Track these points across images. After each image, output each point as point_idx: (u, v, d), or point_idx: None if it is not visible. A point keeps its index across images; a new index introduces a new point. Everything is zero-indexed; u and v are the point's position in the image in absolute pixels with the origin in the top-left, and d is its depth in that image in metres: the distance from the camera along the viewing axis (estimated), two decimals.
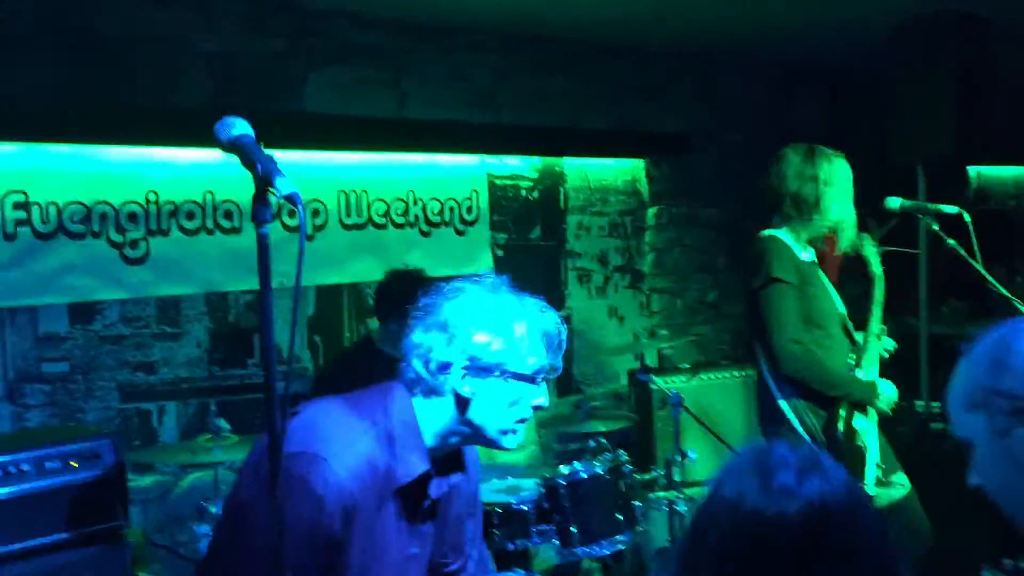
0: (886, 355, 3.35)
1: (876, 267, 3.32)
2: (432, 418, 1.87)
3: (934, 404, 4.93)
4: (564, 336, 1.92)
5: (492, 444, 1.91)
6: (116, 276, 3.76)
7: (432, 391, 1.86)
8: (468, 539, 2.10)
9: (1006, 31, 4.99)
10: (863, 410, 3.24)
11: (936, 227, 3.21)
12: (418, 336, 1.87)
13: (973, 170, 7.03)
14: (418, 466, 1.83)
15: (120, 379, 3.79)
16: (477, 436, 1.89)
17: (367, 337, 3.97)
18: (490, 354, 1.83)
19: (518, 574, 3.41)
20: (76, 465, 3.04)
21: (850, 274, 3.45)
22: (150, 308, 3.86)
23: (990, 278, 3.04)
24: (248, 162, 1.50)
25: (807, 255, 3.33)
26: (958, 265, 3.20)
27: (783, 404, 3.25)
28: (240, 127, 1.53)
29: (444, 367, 1.84)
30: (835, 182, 3.22)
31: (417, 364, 1.86)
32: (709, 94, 5.82)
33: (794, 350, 3.13)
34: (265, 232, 1.50)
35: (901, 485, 3.30)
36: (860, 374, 3.26)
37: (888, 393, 3.24)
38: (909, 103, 4.92)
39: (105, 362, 3.75)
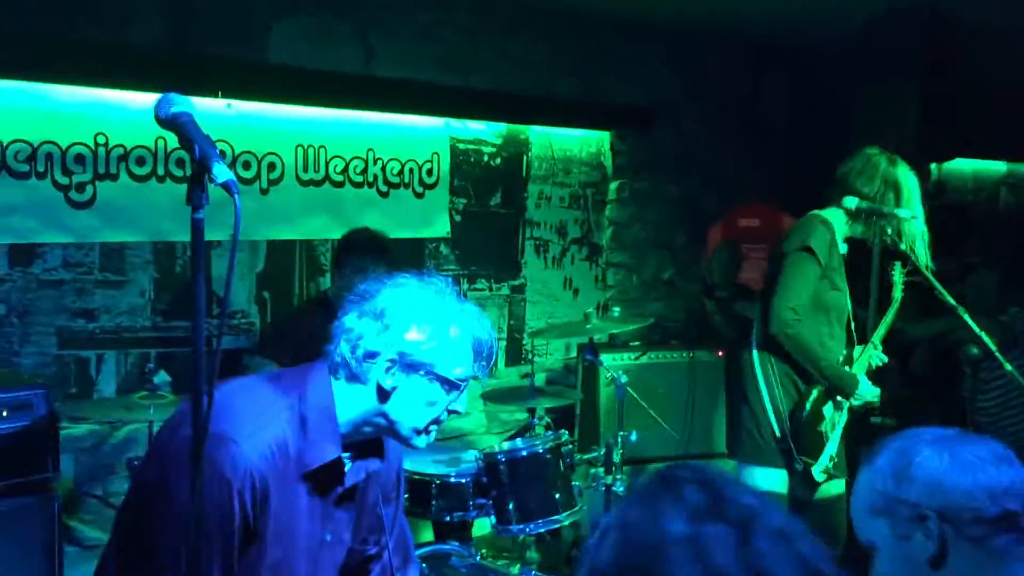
0: (877, 363, 3.44)
1: (898, 292, 3.46)
2: (349, 405, 1.84)
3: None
4: (495, 349, 1.90)
5: (403, 441, 1.90)
6: (60, 219, 3.66)
7: (354, 377, 1.84)
8: (387, 524, 2.09)
9: (976, 27, 5.01)
10: (837, 403, 3.30)
11: (889, 230, 3.24)
12: (351, 320, 1.85)
13: (934, 164, 7.08)
14: (329, 452, 1.81)
15: (59, 325, 3.70)
16: (391, 429, 1.88)
17: (323, 294, 3.92)
18: (420, 352, 1.81)
19: (453, 546, 3.44)
20: (6, 414, 2.99)
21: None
22: (94, 254, 3.77)
23: (939, 286, 3.08)
24: (186, 143, 1.44)
25: (842, 249, 3.39)
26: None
27: (759, 373, 3.31)
28: (181, 104, 1.46)
29: (371, 356, 1.82)
30: (909, 197, 3.27)
31: (344, 348, 1.84)
32: (677, 70, 5.77)
33: (787, 315, 3.21)
34: (200, 217, 1.45)
35: (837, 486, 3.37)
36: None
37: (867, 391, 3.29)
38: (874, 96, 4.93)
39: (43, 307, 3.66)
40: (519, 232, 5.21)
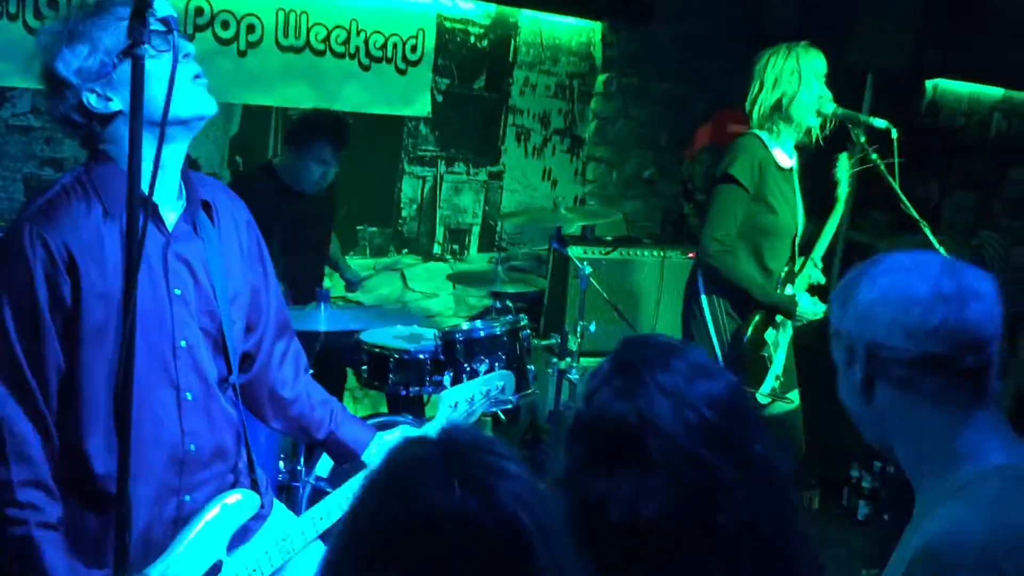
0: (815, 282, 3.41)
1: (843, 191, 3.30)
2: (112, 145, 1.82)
3: None
4: None
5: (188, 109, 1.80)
6: (30, 63, 3.58)
7: (91, 133, 1.83)
8: (263, 313, 2.07)
9: None
10: (777, 325, 3.32)
11: (863, 139, 3.21)
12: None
13: (930, 83, 6.99)
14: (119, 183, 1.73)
15: (26, 171, 3.68)
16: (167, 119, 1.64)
17: (269, 165, 3.93)
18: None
19: (406, 418, 3.51)
20: None
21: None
22: None
23: (904, 199, 3.07)
24: None
25: (789, 160, 3.32)
26: (883, 179, 3.22)
27: (703, 298, 3.34)
28: None
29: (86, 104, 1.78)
30: (811, 81, 3.19)
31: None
32: None
33: (713, 247, 3.21)
34: (140, 53, 1.42)
35: (790, 401, 3.42)
36: (789, 290, 3.33)
37: (807, 307, 3.30)
38: (875, 9, 4.83)
39: (11, 151, 3.62)
40: (501, 118, 5.15)
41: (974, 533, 1.32)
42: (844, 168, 3.26)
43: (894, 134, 3.09)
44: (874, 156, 3.14)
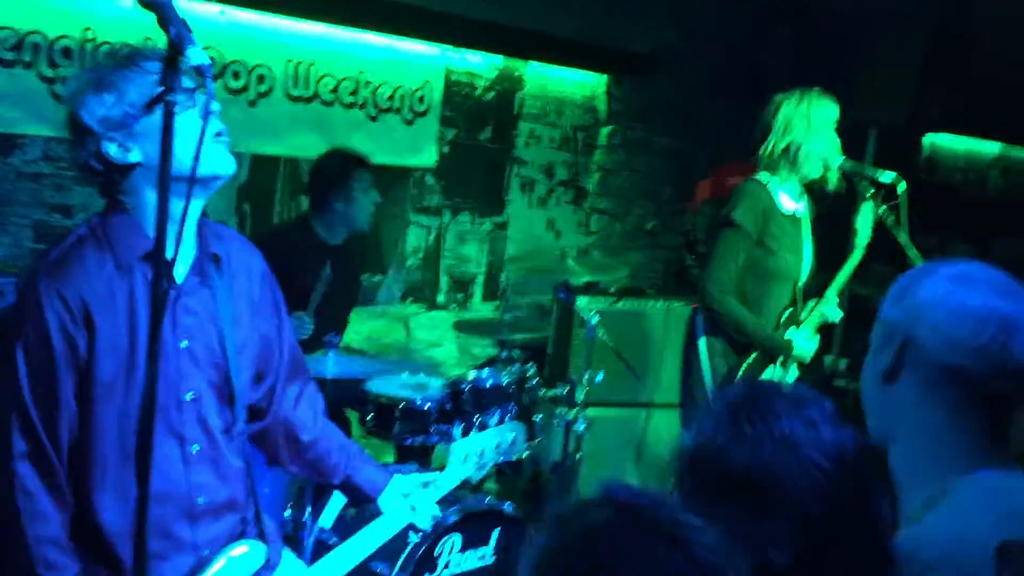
0: (833, 319, 3.42)
1: (862, 239, 3.27)
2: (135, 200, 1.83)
3: (841, 361, 5.08)
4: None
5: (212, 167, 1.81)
6: (43, 111, 3.61)
7: (109, 180, 1.83)
8: (273, 361, 2.06)
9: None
10: (778, 363, 3.32)
11: (871, 191, 3.23)
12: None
13: (928, 138, 7.08)
14: (143, 245, 1.78)
15: (36, 218, 3.68)
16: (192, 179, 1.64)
17: (304, 218, 3.92)
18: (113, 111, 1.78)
19: (412, 466, 3.48)
20: None
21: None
22: None
23: (913, 250, 3.09)
24: (163, 23, 1.43)
25: (797, 206, 3.33)
26: (884, 231, 3.24)
27: (702, 340, 3.35)
28: None
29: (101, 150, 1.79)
30: (821, 130, 3.22)
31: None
32: (683, 18, 5.71)
33: (713, 290, 3.23)
34: (172, 100, 1.44)
35: None
36: (792, 332, 3.33)
37: (803, 347, 3.30)
38: (875, 63, 4.91)
39: (21, 198, 3.63)
40: (506, 169, 5.20)
41: (932, 536, 1.32)
42: (867, 216, 3.23)
43: (902, 187, 3.11)
44: (883, 208, 3.16)
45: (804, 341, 3.32)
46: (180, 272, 1.86)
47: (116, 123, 1.76)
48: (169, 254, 1.55)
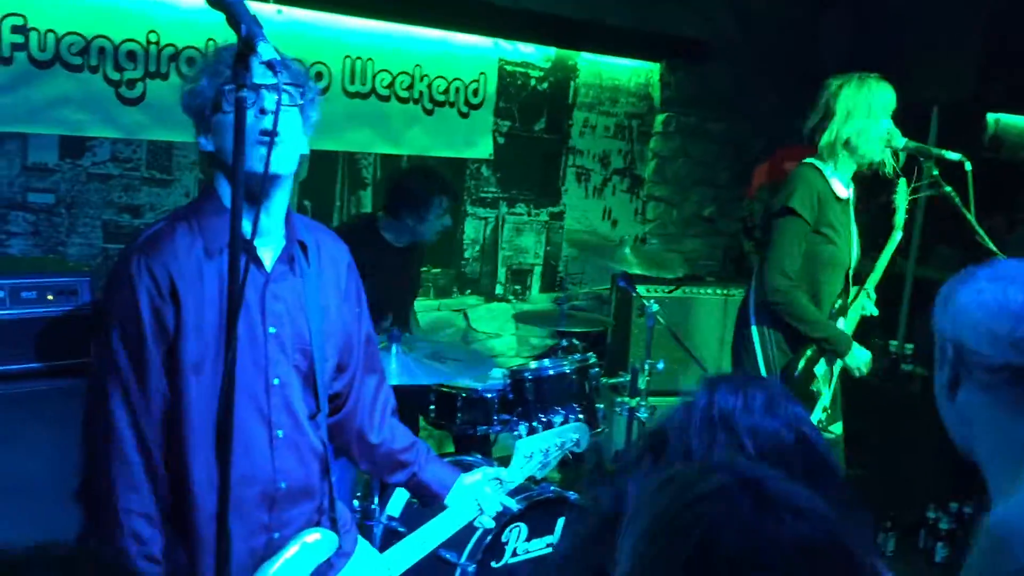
0: (868, 314, 3.38)
1: (900, 218, 3.26)
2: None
3: (908, 346, 4.99)
4: None
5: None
6: (110, 114, 3.71)
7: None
8: (354, 353, 2.10)
9: None
10: (830, 360, 3.28)
11: (936, 172, 3.17)
12: None
13: (992, 116, 6.91)
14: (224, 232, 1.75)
15: (105, 218, 3.78)
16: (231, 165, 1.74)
17: (372, 219, 3.96)
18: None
19: (476, 458, 3.51)
20: (52, 298, 3.07)
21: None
22: (141, 151, 3.83)
23: (980, 230, 3.02)
24: (233, 22, 1.47)
25: (846, 191, 3.30)
26: (953, 212, 3.17)
27: (754, 329, 3.31)
28: None
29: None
30: (881, 116, 3.17)
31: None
32: (735, 1, 5.65)
33: (780, 283, 3.18)
34: (243, 96, 1.47)
35: (833, 433, 3.36)
36: (841, 323, 3.29)
37: (861, 356, 3.26)
38: (934, 41, 4.81)
39: (91, 199, 3.73)
40: (562, 159, 5.20)
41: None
42: (903, 194, 3.22)
43: (968, 167, 3.04)
44: (948, 189, 3.09)
45: (860, 350, 3.28)
46: (268, 260, 1.91)
47: (198, 114, 1.85)
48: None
